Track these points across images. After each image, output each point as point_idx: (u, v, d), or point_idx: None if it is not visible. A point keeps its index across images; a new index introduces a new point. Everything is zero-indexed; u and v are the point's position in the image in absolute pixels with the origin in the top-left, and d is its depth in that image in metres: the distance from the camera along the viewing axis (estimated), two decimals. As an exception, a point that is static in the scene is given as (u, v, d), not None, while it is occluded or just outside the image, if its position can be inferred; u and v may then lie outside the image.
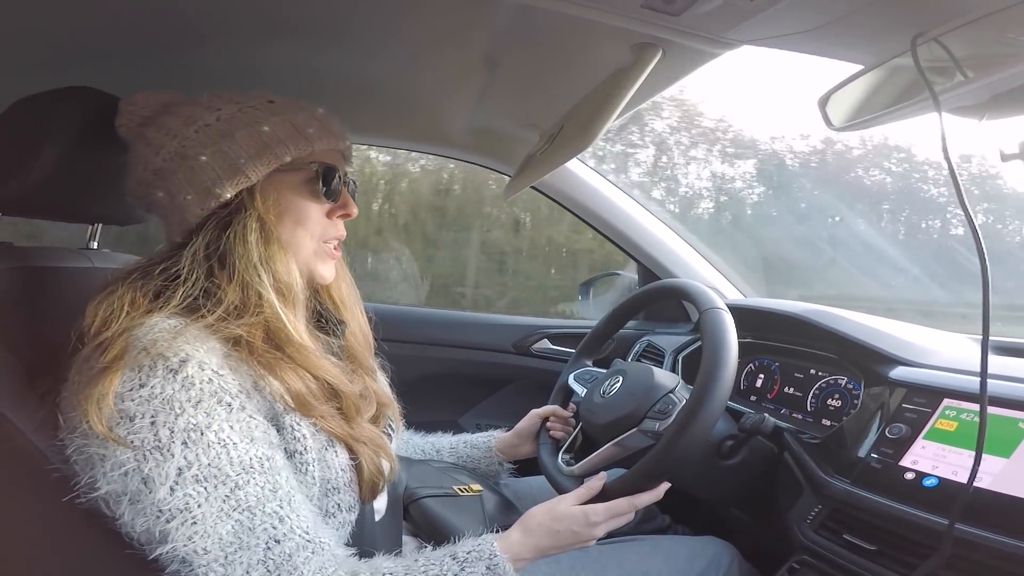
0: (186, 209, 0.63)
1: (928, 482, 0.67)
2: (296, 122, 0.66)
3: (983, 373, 0.57)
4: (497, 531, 0.67)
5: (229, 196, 0.63)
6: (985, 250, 0.50)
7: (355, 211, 0.72)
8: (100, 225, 0.90)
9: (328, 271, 0.72)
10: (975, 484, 0.61)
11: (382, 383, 0.83)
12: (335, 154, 0.71)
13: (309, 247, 0.69)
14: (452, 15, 0.75)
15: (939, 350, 0.86)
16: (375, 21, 0.79)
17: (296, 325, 0.64)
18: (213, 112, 0.64)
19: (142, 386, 0.53)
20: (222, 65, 0.90)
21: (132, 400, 0.53)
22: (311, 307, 0.73)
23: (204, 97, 0.66)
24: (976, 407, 0.69)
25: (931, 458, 0.69)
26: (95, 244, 0.90)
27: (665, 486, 0.73)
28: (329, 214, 0.70)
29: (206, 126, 0.63)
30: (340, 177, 0.70)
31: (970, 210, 0.50)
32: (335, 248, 0.72)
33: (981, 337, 0.55)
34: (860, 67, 0.64)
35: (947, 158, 0.49)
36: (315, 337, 0.69)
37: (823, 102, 0.70)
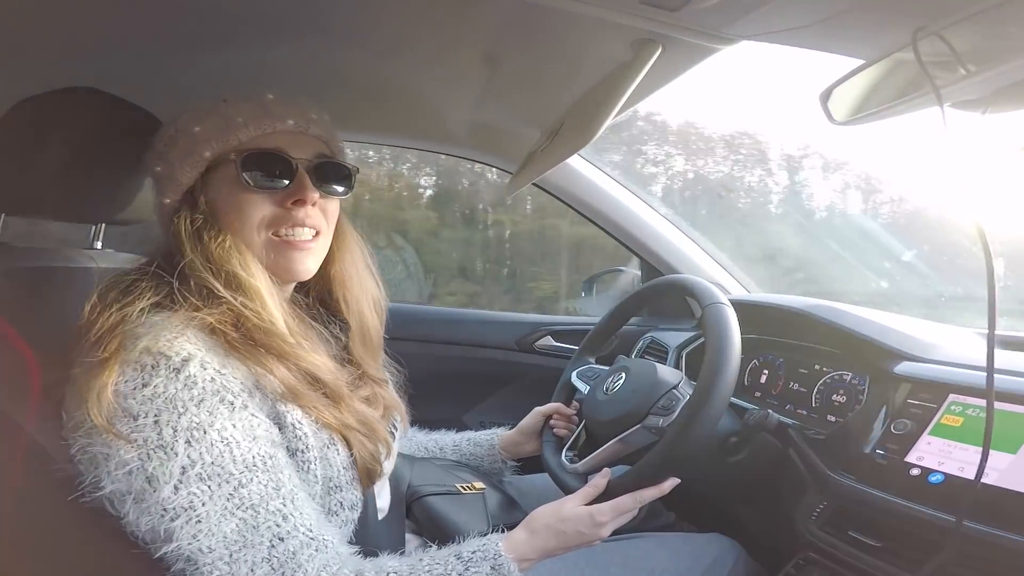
0: (157, 215, 0.69)
1: (934, 478, 0.67)
2: (228, 115, 0.64)
3: (989, 368, 0.56)
4: (502, 530, 0.67)
5: (170, 202, 0.67)
6: (991, 245, 0.50)
7: (309, 195, 0.66)
8: (104, 225, 0.90)
9: (295, 266, 0.68)
10: (982, 480, 0.60)
11: (389, 388, 0.82)
12: (280, 136, 0.66)
13: (257, 240, 0.66)
14: (452, 13, 0.74)
15: (944, 345, 0.85)
16: (375, 20, 0.79)
17: (260, 312, 0.62)
18: (174, 124, 0.67)
19: (145, 385, 0.54)
20: (227, 64, 0.90)
21: (135, 399, 0.53)
22: (312, 299, 0.74)
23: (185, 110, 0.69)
24: (982, 402, 0.69)
25: (937, 454, 0.69)
26: (99, 244, 0.91)
27: (672, 482, 0.72)
28: (281, 202, 0.66)
29: (170, 137, 0.67)
30: (290, 160, 0.65)
31: (974, 205, 0.49)
32: (305, 240, 0.68)
33: (987, 331, 0.55)
34: (861, 61, 0.64)
35: (950, 152, 0.49)
36: (308, 326, 0.69)
37: (824, 97, 0.69)
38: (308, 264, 0.69)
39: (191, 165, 0.65)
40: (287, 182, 0.66)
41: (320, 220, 0.69)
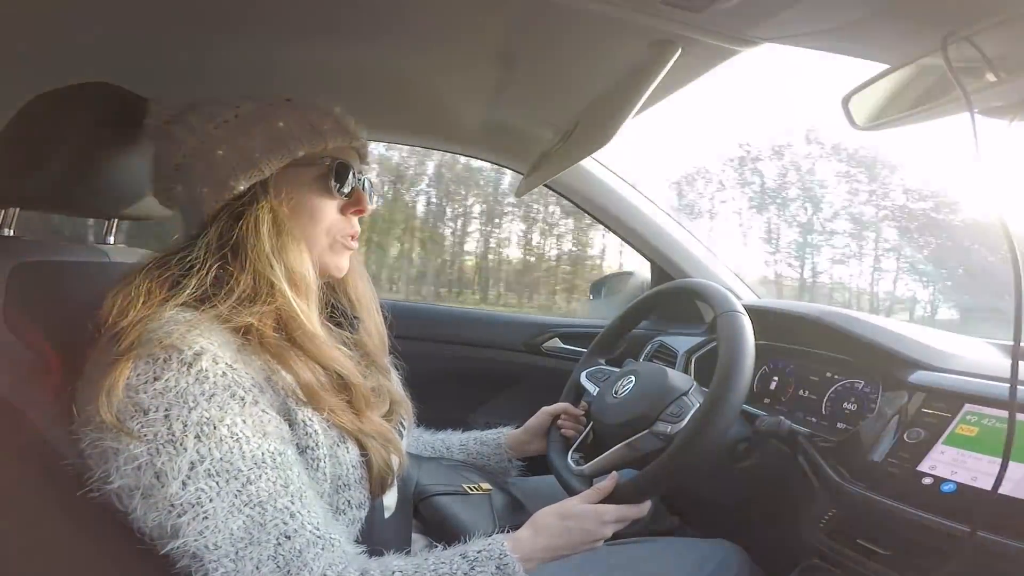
0: (202, 201, 0.65)
1: (946, 488, 0.66)
2: (311, 119, 0.68)
3: (1013, 378, 0.55)
4: (508, 530, 0.66)
5: (243, 188, 0.65)
6: (1020, 255, 0.49)
7: (369, 208, 0.73)
8: (116, 220, 0.90)
9: (343, 263, 0.73)
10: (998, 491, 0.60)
11: (395, 382, 0.83)
12: (349, 151, 0.72)
13: (323, 242, 0.70)
14: (467, 11, 0.74)
15: (960, 354, 0.84)
16: (390, 17, 0.79)
17: (308, 315, 0.65)
18: (233, 109, 0.66)
19: (156, 379, 0.53)
20: (240, 61, 0.90)
21: (146, 393, 0.53)
22: (326, 301, 0.73)
23: (227, 96, 0.68)
24: (998, 412, 0.68)
25: (950, 463, 0.68)
26: (112, 239, 0.91)
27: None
28: (343, 210, 0.71)
29: (225, 122, 0.66)
30: (354, 174, 0.71)
31: (1003, 215, 0.49)
32: (351, 240, 0.73)
33: (1004, 342, 0.54)
34: (885, 66, 0.63)
35: (980, 161, 0.48)
36: (328, 329, 0.70)
37: (846, 101, 0.68)
38: (347, 264, 0.74)
39: (279, 157, 0.65)
40: (352, 193, 0.72)
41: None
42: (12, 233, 0.75)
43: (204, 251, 0.63)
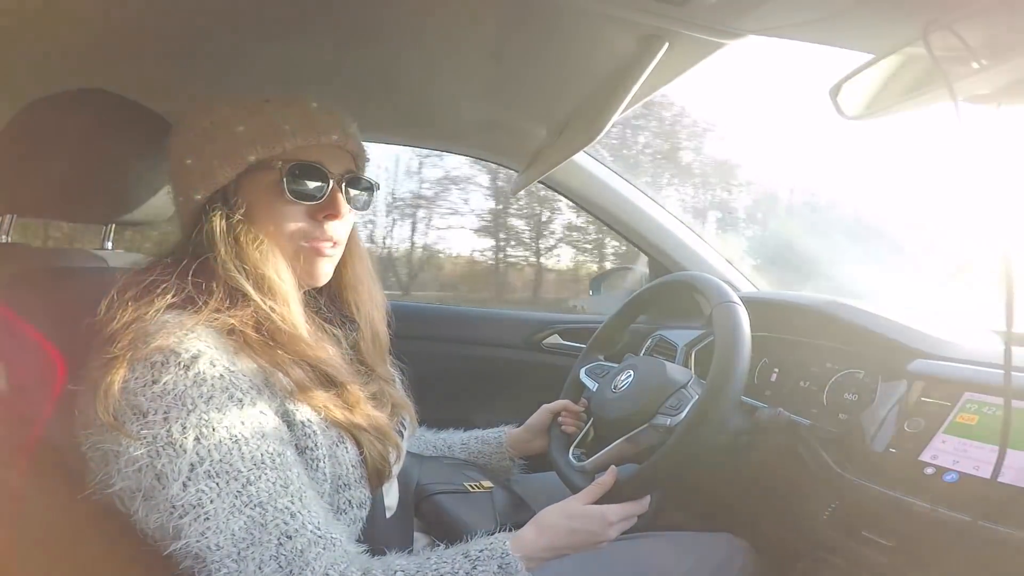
0: (180, 210, 0.68)
1: (948, 477, 0.66)
2: (274, 120, 0.65)
3: (1007, 365, 0.55)
4: (510, 529, 0.67)
5: (200, 198, 0.65)
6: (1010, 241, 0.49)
7: (342, 212, 0.68)
8: (114, 226, 0.91)
9: (317, 270, 0.70)
10: (999, 479, 0.59)
11: (397, 387, 0.83)
12: (321, 149, 0.67)
13: (288, 248, 0.67)
14: (458, 10, 0.74)
15: (959, 342, 0.83)
16: (381, 18, 0.79)
17: (285, 316, 0.64)
18: (210, 116, 0.66)
19: (154, 382, 0.54)
20: (231, 66, 0.91)
21: (144, 396, 0.54)
22: (315, 307, 0.73)
23: (216, 102, 0.68)
24: (998, 400, 0.68)
25: (952, 453, 0.68)
26: (110, 245, 0.92)
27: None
28: (313, 215, 0.67)
29: (202, 130, 0.65)
30: (330, 176, 0.67)
31: (992, 202, 0.48)
32: (328, 248, 0.69)
33: (1002, 329, 0.54)
34: (871, 56, 0.62)
35: (964, 147, 0.48)
36: (319, 328, 0.70)
37: (834, 92, 0.68)
38: (327, 269, 0.71)
39: (232, 165, 0.64)
40: (323, 196, 0.67)
41: (344, 232, 0.71)
42: (9, 240, 0.76)
43: (179, 260, 0.63)
